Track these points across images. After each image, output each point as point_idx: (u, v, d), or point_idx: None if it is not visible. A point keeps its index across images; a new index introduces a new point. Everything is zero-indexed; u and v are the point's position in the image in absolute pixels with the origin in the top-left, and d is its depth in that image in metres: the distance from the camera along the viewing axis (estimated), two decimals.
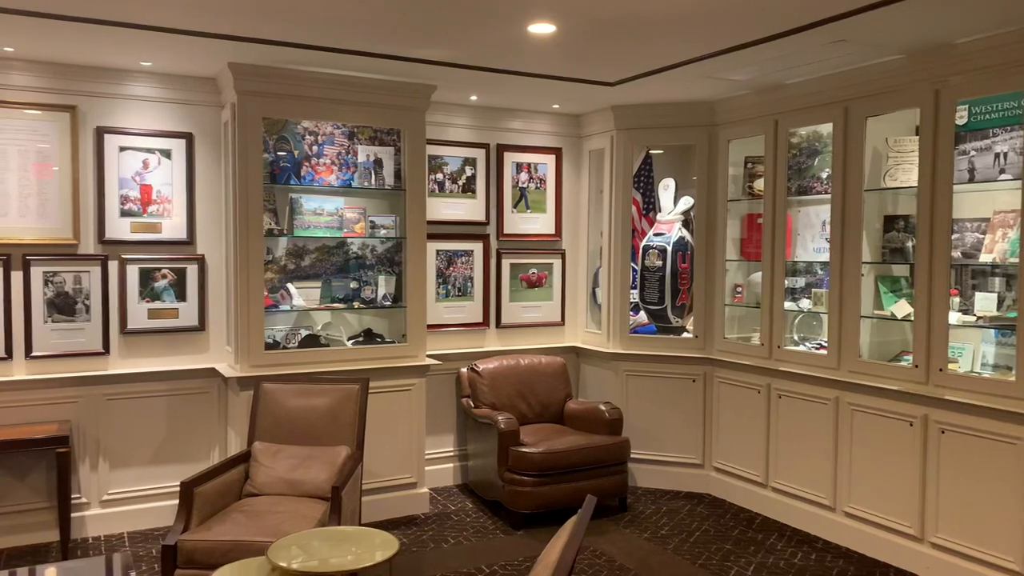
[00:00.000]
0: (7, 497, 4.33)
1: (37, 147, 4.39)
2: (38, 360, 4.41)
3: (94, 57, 4.28)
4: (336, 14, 3.49)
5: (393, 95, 4.76)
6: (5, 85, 4.31)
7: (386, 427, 4.75)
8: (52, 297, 4.44)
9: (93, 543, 4.44)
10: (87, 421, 4.50)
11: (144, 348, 4.67)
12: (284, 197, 4.84)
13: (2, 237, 4.32)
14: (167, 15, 3.51)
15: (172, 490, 4.63)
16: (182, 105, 4.71)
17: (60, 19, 3.50)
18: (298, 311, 4.91)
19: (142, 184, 4.63)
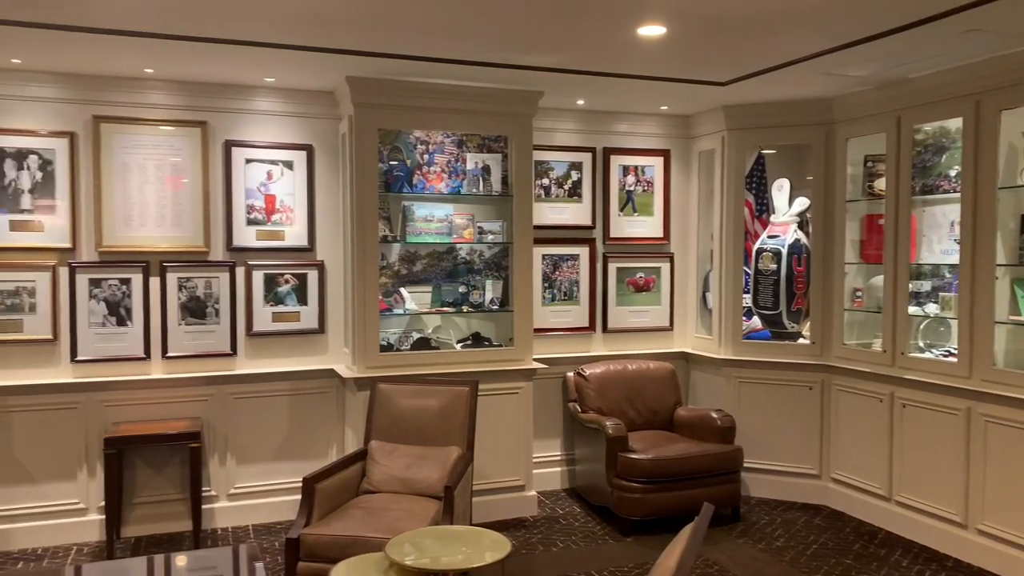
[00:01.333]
0: (146, 488, 4.64)
1: (170, 161, 4.70)
2: (173, 360, 4.72)
3: (223, 75, 4.55)
4: (449, 26, 3.58)
5: (501, 102, 4.83)
6: (143, 104, 4.64)
7: (494, 429, 4.81)
8: (185, 301, 4.74)
9: (221, 534, 4.71)
10: (216, 418, 4.78)
11: (268, 349, 4.92)
12: (397, 205, 4.99)
13: (141, 245, 4.65)
14: (290, 33, 3.70)
15: (293, 485, 4.84)
16: (303, 118, 4.93)
17: (194, 40, 3.74)
18: (410, 315, 5.04)
19: (266, 194, 4.88)
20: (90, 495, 4.57)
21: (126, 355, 4.62)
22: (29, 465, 4.46)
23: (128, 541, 4.55)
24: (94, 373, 4.55)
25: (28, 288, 4.44)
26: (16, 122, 4.41)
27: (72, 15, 3.39)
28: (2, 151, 4.39)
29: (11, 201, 4.42)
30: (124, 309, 4.61)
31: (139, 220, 4.64)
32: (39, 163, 4.46)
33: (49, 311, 4.48)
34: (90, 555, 4.38)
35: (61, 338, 4.51)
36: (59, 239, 4.50)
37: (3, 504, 4.37)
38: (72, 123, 4.51)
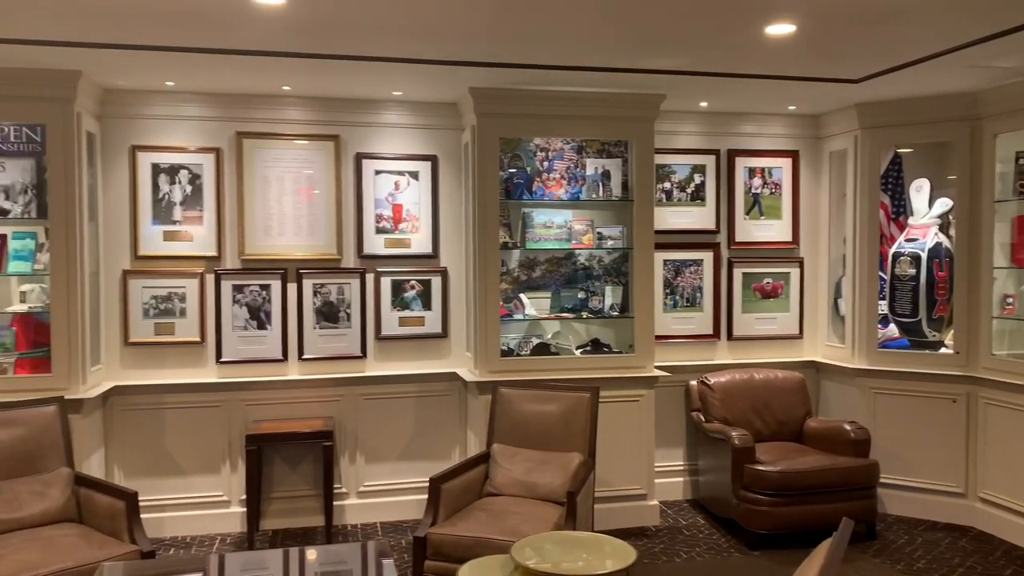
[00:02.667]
0: (282, 483, 4.90)
1: (304, 173, 4.95)
2: (308, 362, 4.96)
3: (354, 90, 4.76)
4: (572, 34, 3.60)
5: (621, 107, 4.80)
6: (281, 120, 4.91)
7: (615, 437, 4.77)
8: (320, 306, 4.97)
9: (352, 530, 4.90)
10: (347, 418, 4.99)
11: (395, 353, 5.09)
12: (517, 211, 5.05)
13: (280, 253, 4.92)
14: (417, 48, 3.82)
15: (418, 485, 4.98)
16: (427, 130, 5.08)
17: (329, 58, 3.93)
18: (530, 320, 5.09)
19: (394, 204, 5.06)
20: (232, 488, 4.86)
21: (265, 357, 4.90)
22: (179, 458, 4.80)
23: (266, 533, 4.81)
24: (237, 374, 4.85)
25: (179, 294, 4.79)
26: (169, 140, 4.78)
27: (220, 39, 3.64)
28: (157, 167, 4.76)
29: (164, 213, 4.78)
30: (264, 313, 4.90)
31: (278, 229, 4.91)
32: (189, 177, 4.81)
33: (197, 315, 4.81)
34: (232, 545, 4.66)
35: (208, 340, 4.84)
36: (206, 248, 4.83)
37: (156, 494, 4.71)
38: (218, 139, 4.83)
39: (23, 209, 4.43)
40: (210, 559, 4.12)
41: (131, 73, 4.29)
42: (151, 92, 4.69)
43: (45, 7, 3.21)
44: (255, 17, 3.29)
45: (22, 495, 3.69)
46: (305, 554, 3.83)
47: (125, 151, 4.71)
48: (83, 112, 4.35)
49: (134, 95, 4.68)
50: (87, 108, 4.42)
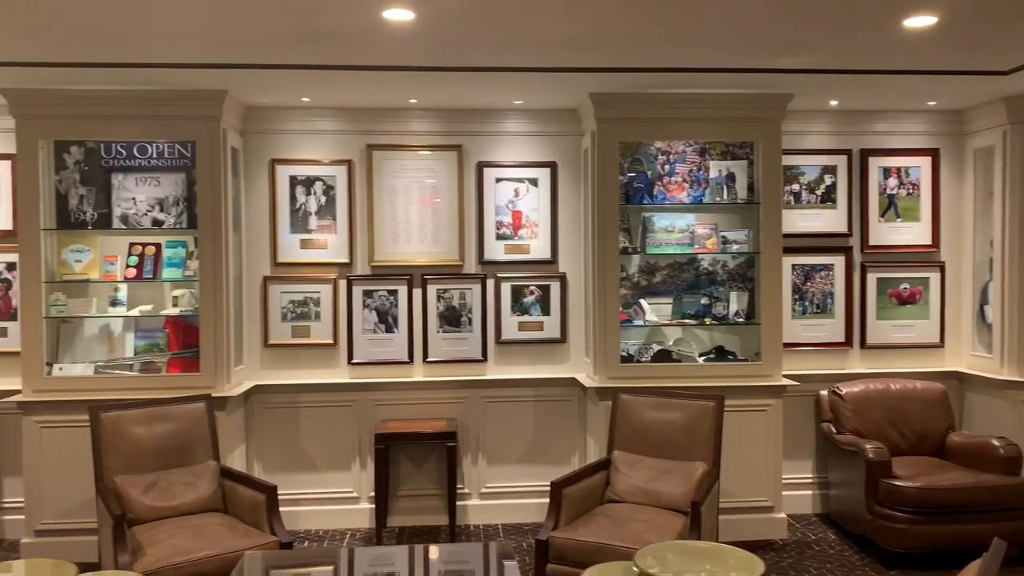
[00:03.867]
0: (408, 482, 5.06)
1: (428, 183, 5.11)
2: (432, 364, 5.11)
3: (476, 101, 4.87)
4: (694, 36, 3.56)
5: (746, 108, 4.69)
6: (408, 132, 5.09)
7: (740, 447, 4.65)
8: (443, 311, 5.12)
9: (474, 530, 5.01)
10: (469, 420, 5.10)
11: (514, 357, 5.16)
12: (637, 216, 5.02)
13: (406, 260, 5.10)
14: (538, 57, 3.88)
15: (538, 489, 5.02)
16: (547, 136, 5.14)
17: (454, 71, 4.05)
18: (650, 326, 5.04)
19: (513, 210, 5.14)
20: (362, 485, 5.07)
21: (392, 359, 5.08)
22: (312, 455, 5.05)
23: (393, 530, 4.99)
24: (366, 374, 5.06)
25: (314, 298, 5.05)
26: (305, 153, 5.05)
27: (353, 56, 3.83)
28: (294, 179, 5.04)
29: (301, 223, 5.05)
30: (391, 317, 5.08)
31: (404, 237, 5.09)
32: (323, 188, 5.06)
33: (330, 319, 5.06)
34: (361, 540, 4.86)
35: (340, 342, 5.07)
36: (339, 255, 5.06)
37: (292, 488, 4.96)
38: (349, 152, 5.06)
39: (175, 220, 4.79)
40: (341, 553, 4.32)
41: (271, 91, 4.57)
42: (289, 108, 4.97)
43: (195, 33, 3.47)
44: (386, 34, 3.43)
45: (175, 485, 3.99)
46: (429, 552, 3.95)
47: (265, 164, 5.02)
48: (228, 129, 4.66)
49: (273, 111, 4.97)
50: (232, 125, 4.74)
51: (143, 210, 4.77)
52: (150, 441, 4.08)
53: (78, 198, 4.73)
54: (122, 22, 3.30)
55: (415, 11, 3.14)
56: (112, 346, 4.85)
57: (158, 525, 3.75)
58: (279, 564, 3.54)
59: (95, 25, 3.34)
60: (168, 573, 3.34)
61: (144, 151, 4.78)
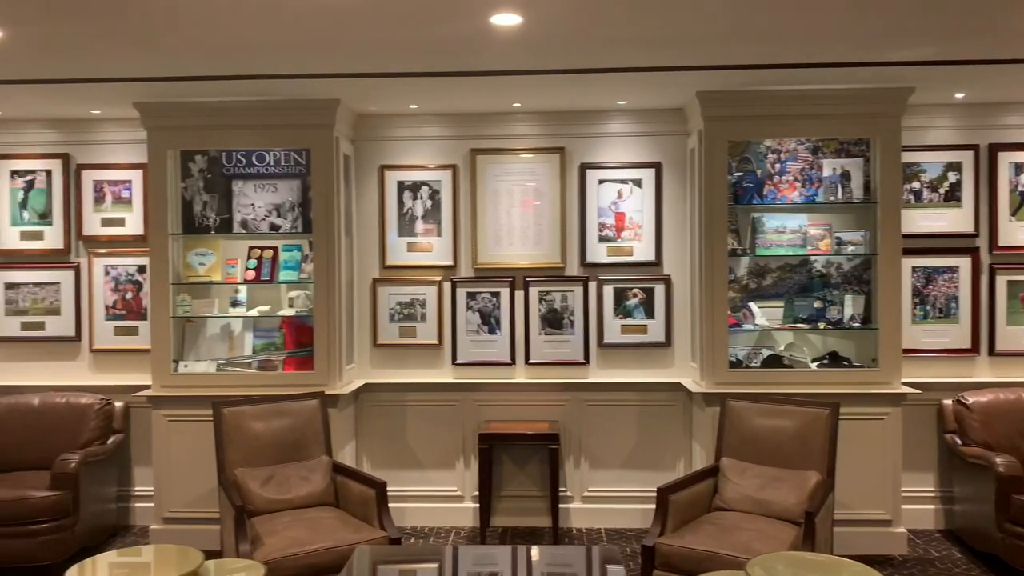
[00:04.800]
0: (511, 482, 5.10)
1: (531, 186, 5.13)
2: (534, 366, 5.13)
3: (579, 103, 4.87)
4: (811, 29, 3.43)
5: (864, 103, 4.49)
6: (510, 135, 5.14)
7: (856, 457, 4.44)
8: (545, 313, 5.13)
9: (576, 534, 4.99)
10: (571, 422, 5.09)
11: (617, 360, 5.12)
12: (746, 217, 4.88)
13: (508, 262, 5.14)
14: (645, 56, 3.83)
15: (642, 494, 4.96)
16: (651, 137, 5.08)
17: (560, 73, 4.06)
18: (760, 330, 4.89)
19: (616, 212, 5.10)
20: (466, 484, 5.14)
21: (495, 360, 5.13)
22: (418, 453, 5.16)
23: (496, 530, 5.03)
24: (470, 375, 5.13)
25: (420, 300, 5.16)
26: (412, 159, 5.17)
27: (460, 62, 3.89)
28: (402, 184, 5.17)
29: (408, 226, 5.18)
30: (494, 319, 5.14)
31: (507, 240, 5.14)
32: (429, 193, 5.17)
33: (435, 320, 5.15)
34: (465, 539, 4.93)
35: (444, 343, 5.16)
36: (443, 258, 5.16)
37: (399, 485, 5.07)
38: (454, 156, 5.15)
39: (291, 225, 5.00)
40: (446, 550, 4.39)
41: (381, 99, 4.70)
42: (397, 115, 5.11)
43: (309, 45, 3.60)
44: (493, 38, 3.47)
45: (291, 478, 4.16)
46: (532, 553, 3.96)
47: (375, 170, 5.16)
48: (341, 136, 4.83)
49: (382, 119, 5.12)
50: (344, 133, 4.90)
51: (261, 215, 5.00)
52: (267, 436, 4.27)
53: (202, 204, 5.01)
54: (243, 36, 3.47)
55: (523, 15, 3.16)
56: (232, 345, 5.11)
57: (275, 517, 3.92)
58: (389, 559, 3.63)
59: (218, 40, 3.53)
60: (285, 564, 3.49)
61: (262, 159, 5.01)
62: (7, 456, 4.78)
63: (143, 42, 3.55)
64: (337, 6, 3.05)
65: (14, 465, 4.76)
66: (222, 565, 3.40)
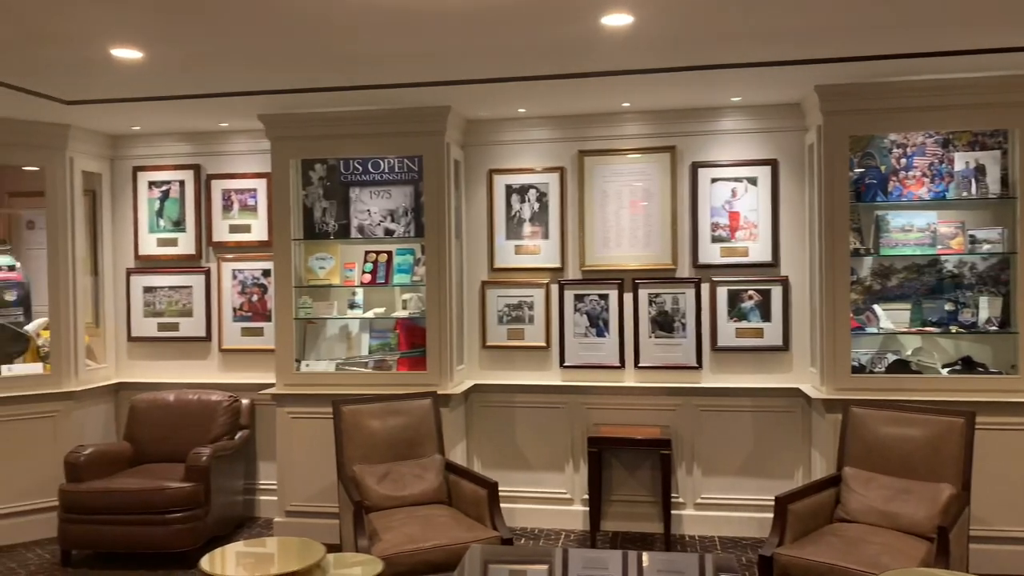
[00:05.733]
0: (621, 487, 5.05)
1: (641, 186, 5.06)
2: (644, 370, 5.06)
3: (691, 100, 4.77)
4: (935, 15, 3.24)
5: (999, 92, 4.21)
6: (619, 136, 5.09)
7: (995, 469, 4.15)
8: (655, 315, 5.05)
9: (689, 541, 4.89)
10: (683, 428, 4.99)
11: (731, 365, 4.98)
12: (869, 215, 4.66)
13: (617, 264, 5.09)
14: (760, 51, 3.72)
15: (758, 502, 4.82)
16: (766, 133, 4.92)
17: (672, 71, 3.99)
18: (885, 334, 4.65)
19: (730, 211, 4.97)
20: (575, 487, 5.13)
21: (603, 363, 5.09)
22: (527, 454, 5.18)
23: (606, 534, 4.99)
24: (578, 378, 5.12)
25: (528, 302, 5.19)
26: (519, 162, 5.21)
27: (569, 64, 3.90)
28: (510, 187, 5.21)
29: (515, 229, 5.22)
30: (602, 321, 5.10)
31: (615, 241, 5.09)
32: (536, 195, 5.19)
33: (543, 322, 5.17)
34: (575, 542, 4.91)
35: (552, 345, 5.17)
36: (551, 260, 5.17)
37: (508, 486, 5.10)
38: (561, 159, 5.15)
39: (404, 229, 5.14)
40: (556, 552, 4.39)
41: (490, 104, 4.76)
42: (505, 120, 5.16)
43: (420, 54, 3.69)
44: (604, 39, 3.46)
45: (406, 476, 4.27)
46: (644, 558, 3.91)
47: (484, 175, 5.23)
48: (451, 142, 4.93)
49: (491, 123, 5.18)
50: (454, 139, 5.00)
51: (376, 220, 5.16)
52: (383, 433, 4.40)
53: (321, 211, 5.22)
54: (359, 48, 3.59)
55: (634, 14, 3.13)
56: (350, 345, 5.30)
57: (391, 513, 4.03)
58: (501, 559, 3.66)
59: (336, 53, 3.67)
60: (401, 559, 3.58)
61: (377, 166, 5.17)
62: (146, 448, 5.12)
63: (267, 57, 3.73)
64: (450, 14, 3.12)
65: (151, 457, 5.10)
66: (342, 559, 3.53)
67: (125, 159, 5.65)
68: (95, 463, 4.76)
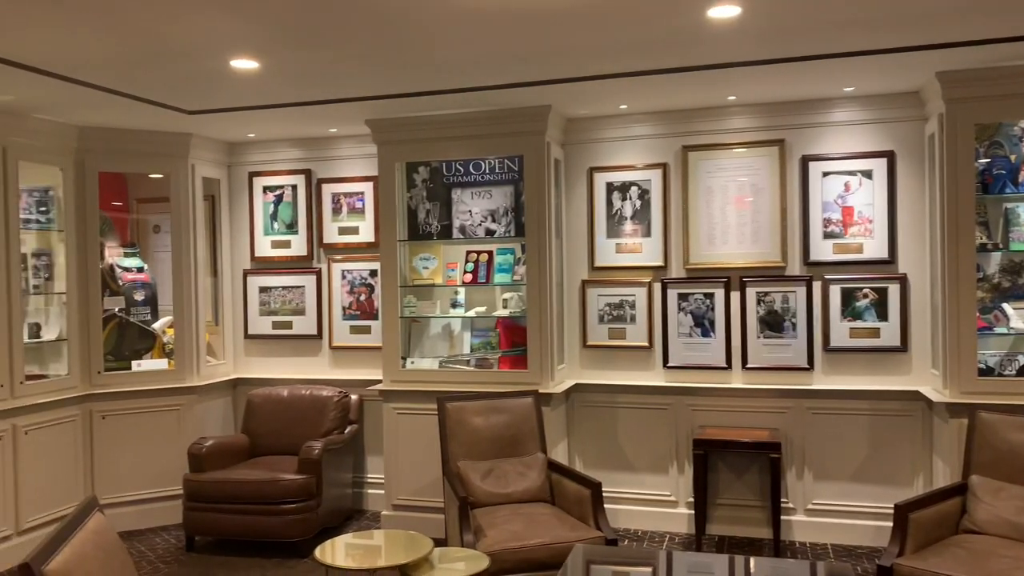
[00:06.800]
0: (727, 490, 4.92)
1: (748, 181, 4.92)
2: (751, 371, 4.92)
3: (801, 92, 4.60)
4: None
5: None
6: (724, 130, 4.97)
7: None
8: (763, 315, 4.90)
9: (800, 547, 4.71)
10: (793, 431, 4.81)
11: (845, 366, 4.77)
12: (997, 207, 4.38)
13: (722, 262, 4.97)
14: (875, 38, 3.55)
15: (874, 510, 4.62)
16: (882, 124, 4.69)
17: (781, 62, 3.86)
18: (1015, 334, 4.35)
19: (843, 206, 4.76)
20: (679, 489, 5.04)
21: (709, 364, 4.98)
22: (629, 455, 5.13)
23: (712, 538, 4.88)
24: (682, 379, 5.02)
25: (629, 301, 5.14)
26: (621, 159, 5.16)
27: (674, 59, 3.83)
28: (610, 185, 5.17)
29: (616, 227, 5.17)
30: (707, 321, 4.99)
31: (721, 238, 4.97)
32: (638, 193, 5.13)
33: (645, 322, 5.10)
34: (680, 544, 4.83)
35: (655, 345, 5.09)
36: (653, 258, 5.10)
37: (610, 486, 5.06)
38: (664, 155, 5.07)
39: (505, 229, 5.18)
40: (660, 555, 4.33)
41: (591, 102, 4.73)
42: (605, 117, 5.12)
43: (522, 54, 3.70)
44: (709, 32, 3.38)
45: (509, 474, 4.30)
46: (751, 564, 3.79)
47: (584, 173, 5.21)
48: (552, 141, 4.93)
49: (591, 121, 5.15)
50: (554, 138, 5.00)
51: (477, 221, 5.23)
52: (486, 431, 4.45)
53: (424, 212, 5.32)
54: (461, 51, 3.64)
55: (742, 5, 3.05)
56: (452, 343, 5.39)
57: (495, 510, 4.07)
58: (606, 559, 3.64)
59: (438, 57, 3.73)
60: (505, 556, 3.61)
61: (478, 167, 5.24)
62: (261, 441, 5.37)
63: (373, 64, 3.84)
64: (555, 13, 3.12)
65: (267, 449, 5.33)
66: (448, 553, 3.59)
67: (241, 165, 5.94)
68: (215, 454, 5.02)
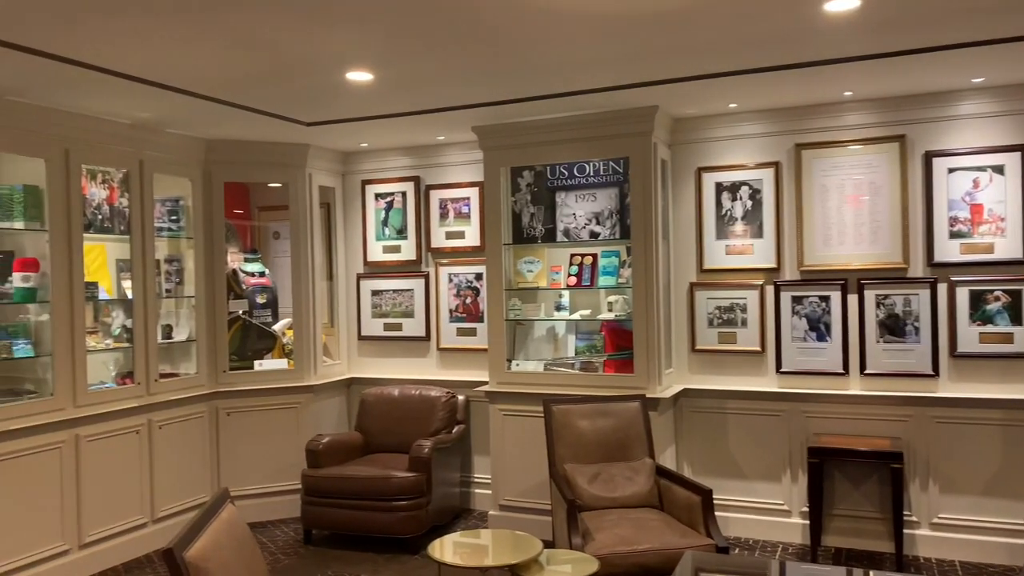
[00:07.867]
0: (844, 501, 4.72)
1: (866, 179, 4.71)
2: (870, 377, 4.70)
3: (922, 85, 4.37)
4: None
5: None
6: (840, 127, 4.78)
7: None
8: (883, 319, 4.68)
9: (924, 564, 4.47)
10: (917, 440, 4.58)
11: (974, 373, 4.50)
12: None
13: (839, 263, 4.78)
14: (1009, 24, 3.33)
15: (1008, 527, 4.35)
16: (1015, 116, 4.40)
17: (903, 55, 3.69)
18: None
19: (972, 204, 4.49)
20: (793, 499, 4.87)
21: (825, 369, 4.80)
22: (740, 462, 5.00)
23: (828, 550, 4.69)
24: (796, 384, 4.86)
25: (740, 304, 5.01)
26: (730, 158, 5.04)
27: (786, 55, 3.72)
28: (720, 185, 5.06)
29: (726, 228, 5.06)
30: (823, 325, 4.81)
31: (837, 239, 4.78)
32: (748, 193, 5.00)
33: (757, 325, 4.97)
34: (794, 555, 4.67)
35: (767, 350, 4.95)
36: (765, 260, 4.95)
37: (720, 493, 4.95)
38: (776, 153, 4.92)
39: (609, 232, 5.16)
40: (772, 564, 4.20)
41: (699, 101, 4.66)
42: (714, 116, 5.02)
43: (627, 56, 3.68)
44: (825, 26, 3.27)
45: (616, 478, 4.28)
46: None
47: (691, 173, 5.13)
48: (658, 142, 4.88)
49: (699, 121, 5.07)
50: (661, 138, 4.94)
51: (582, 224, 5.23)
52: (592, 434, 4.44)
53: (529, 216, 5.37)
54: (566, 55, 3.66)
55: None
56: (556, 346, 5.40)
57: (603, 513, 4.06)
58: (717, 568, 3.56)
59: (542, 62, 3.75)
60: (614, 560, 3.59)
61: (583, 170, 5.24)
62: (374, 439, 5.55)
63: (480, 71, 3.91)
64: (664, 13, 3.09)
65: (379, 447, 5.51)
66: (557, 555, 3.61)
67: (355, 174, 6.16)
68: (331, 451, 5.22)
